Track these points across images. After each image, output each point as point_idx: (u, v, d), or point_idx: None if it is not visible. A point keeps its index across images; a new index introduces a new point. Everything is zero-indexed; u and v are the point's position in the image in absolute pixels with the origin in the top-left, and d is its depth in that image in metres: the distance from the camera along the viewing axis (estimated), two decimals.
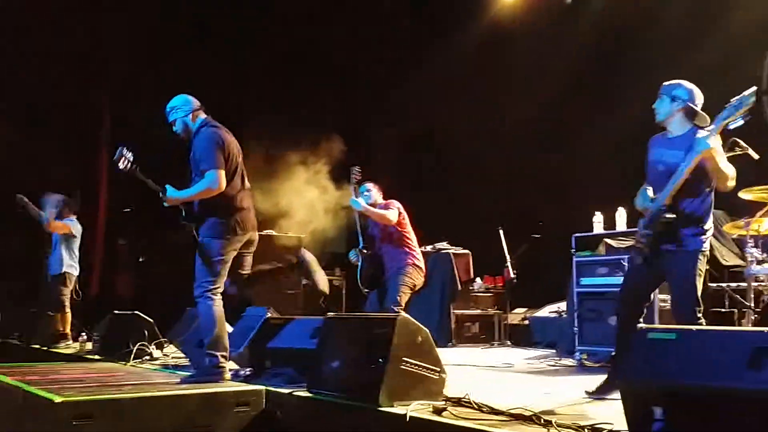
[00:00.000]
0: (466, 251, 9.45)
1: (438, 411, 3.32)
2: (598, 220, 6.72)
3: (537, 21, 9.99)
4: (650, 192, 4.06)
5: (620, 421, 2.86)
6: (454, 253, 9.26)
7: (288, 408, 4.01)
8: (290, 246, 9.31)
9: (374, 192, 6.20)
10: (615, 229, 6.56)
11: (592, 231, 6.76)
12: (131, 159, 4.65)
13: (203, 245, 4.69)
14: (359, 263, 6.13)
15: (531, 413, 3.18)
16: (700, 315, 3.87)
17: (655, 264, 4.06)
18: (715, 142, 3.80)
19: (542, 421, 3.06)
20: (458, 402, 3.52)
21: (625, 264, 5.79)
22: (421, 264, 5.99)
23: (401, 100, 10.92)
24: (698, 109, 4.06)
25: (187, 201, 4.72)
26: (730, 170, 3.94)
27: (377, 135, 10.59)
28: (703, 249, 4.00)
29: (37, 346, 8.17)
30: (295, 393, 4.01)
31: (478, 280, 9.74)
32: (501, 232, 9.25)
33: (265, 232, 9.25)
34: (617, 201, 6.44)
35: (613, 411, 3.21)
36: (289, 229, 8.97)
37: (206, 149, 4.67)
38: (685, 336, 2.75)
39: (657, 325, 4.03)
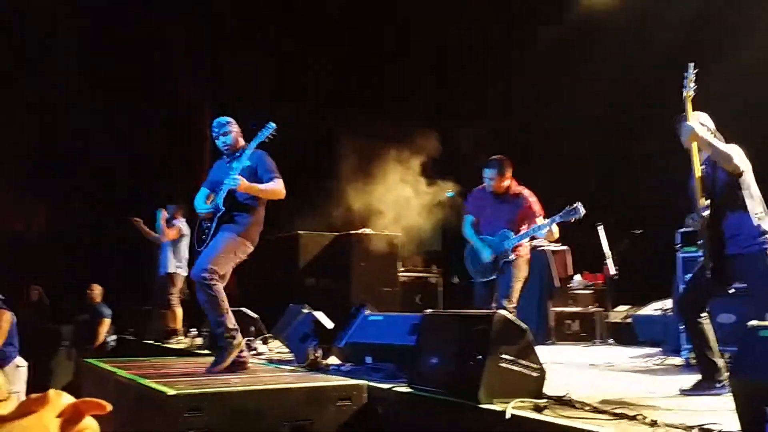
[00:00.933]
0: (564, 247, 9.28)
1: (539, 409, 3.28)
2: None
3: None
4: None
5: (729, 422, 2.76)
6: (552, 250, 9.11)
7: (388, 403, 4.06)
8: (383, 246, 9.40)
9: (498, 179, 5.70)
10: None
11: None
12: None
13: (225, 235, 4.93)
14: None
15: (636, 412, 3.10)
16: None
17: (721, 272, 4.19)
18: (694, 124, 4.18)
19: (648, 420, 2.98)
20: (559, 400, 3.47)
21: None
22: None
23: (496, 94, 10.83)
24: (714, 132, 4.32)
25: (255, 193, 4.96)
26: (727, 150, 4.09)
27: (471, 129, 10.54)
28: (765, 247, 4.08)
29: (150, 342, 8.62)
30: (395, 388, 4.06)
31: (577, 276, 9.54)
32: (600, 227, 9.03)
33: (361, 230, 9.41)
34: None
35: (723, 411, 3.09)
36: (384, 227, 9.07)
37: (271, 163, 5.06)
38: None
39: None
